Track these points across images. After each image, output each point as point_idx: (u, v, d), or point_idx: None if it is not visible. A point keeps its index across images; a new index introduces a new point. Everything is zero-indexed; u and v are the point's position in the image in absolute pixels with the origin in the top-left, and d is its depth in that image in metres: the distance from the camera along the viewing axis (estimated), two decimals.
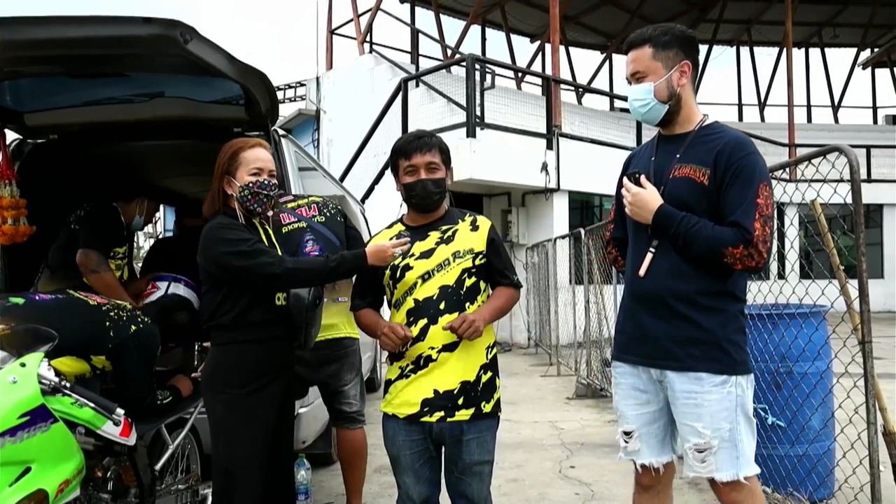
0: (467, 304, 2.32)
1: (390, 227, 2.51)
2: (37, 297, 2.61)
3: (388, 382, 2.38)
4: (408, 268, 2.33)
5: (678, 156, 2.21)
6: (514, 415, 6.17)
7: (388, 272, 2.38)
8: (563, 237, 9.63)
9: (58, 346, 2.24)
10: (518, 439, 5.30)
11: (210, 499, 2.93)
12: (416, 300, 2.30)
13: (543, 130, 11.52)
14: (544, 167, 11.27)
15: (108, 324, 2.56)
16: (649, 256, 2.21)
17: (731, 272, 2.13)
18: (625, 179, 2.28)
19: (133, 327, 2.61)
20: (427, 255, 2.34)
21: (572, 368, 8.14)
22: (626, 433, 2.33)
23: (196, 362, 3.20)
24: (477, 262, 2.35)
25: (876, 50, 24.39)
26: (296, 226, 3.09)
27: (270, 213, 2.63)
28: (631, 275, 2.29)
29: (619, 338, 2.37)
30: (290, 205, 3.19)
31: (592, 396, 6.93)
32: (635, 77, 2.24)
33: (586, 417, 6.09)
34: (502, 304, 2.38)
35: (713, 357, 2.12)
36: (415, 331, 2.28)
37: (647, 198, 2.19)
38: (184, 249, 4.10)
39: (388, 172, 10.72)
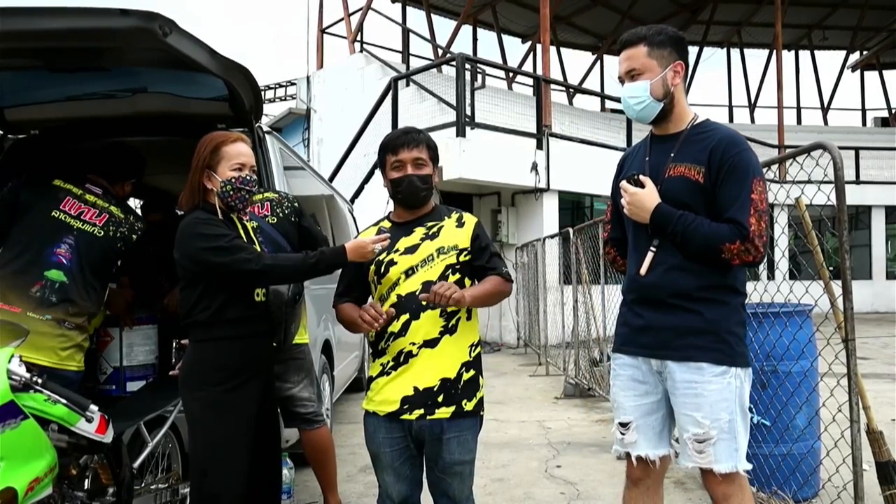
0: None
1: (376, 223, 2.49)
2: None
3: (370, 380, 2.35)
4: (392, 263, 2.31)
5: (672, 155, 2.23)
6: (502, 414, 6.16)
7: (372, 267, 2.35)
8: (552, 237, 9.62)
9: None
10: (505, 439, 5.28)
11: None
12: (399, 295, 2.27)
13: (534, 130, 11.53)
14: (534, 167, 11.27)
15: None
16: (650, 255, 2.23)
17: (730, 267, 2.15)
18: (623, 182, 2.29)
19: None
20: (411, 250, 2.32)
21: (561, 368, 8.13)
22: (623, 424, 2.32)
23: (174, 360, 3.16)
24: (461, 258, 2.32)
25: (865, 53, 24.57)
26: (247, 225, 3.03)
27: (250, 209, 2.60)
28: (633, 274, 2.30)
29: (621, 330, 2.38)
30: None
31: (580, 396, 6.93)
32: (630, 75, 2.25)
33: (574, 417, 6.08)
34: (488, 287, 2.32)
35: (714, 347, 2.13)
36: (397, 326, 2.25)
37: (644, 198, 2.21)
38: (155, 247, 4.03)
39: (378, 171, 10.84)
